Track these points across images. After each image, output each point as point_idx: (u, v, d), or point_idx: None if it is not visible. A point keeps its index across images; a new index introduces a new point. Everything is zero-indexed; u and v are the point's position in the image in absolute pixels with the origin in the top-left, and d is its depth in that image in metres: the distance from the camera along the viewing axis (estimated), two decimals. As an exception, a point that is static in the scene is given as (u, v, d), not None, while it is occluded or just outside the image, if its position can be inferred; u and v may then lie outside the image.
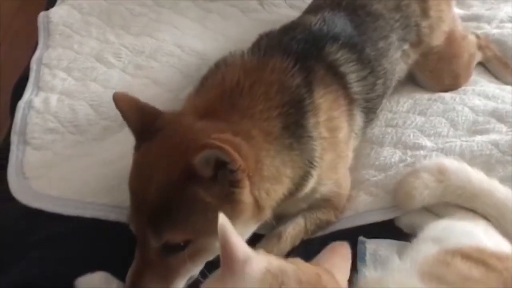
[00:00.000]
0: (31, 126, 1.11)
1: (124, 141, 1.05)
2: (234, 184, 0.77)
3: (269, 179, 0.83)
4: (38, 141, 1.09)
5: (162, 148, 0.80)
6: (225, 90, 0.89)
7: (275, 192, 0.85)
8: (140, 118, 0.82)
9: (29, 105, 1.16)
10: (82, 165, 1.04)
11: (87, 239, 0.93)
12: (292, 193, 0.90)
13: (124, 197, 0.86)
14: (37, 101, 1.16)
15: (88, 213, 0.96)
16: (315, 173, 0.91)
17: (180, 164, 0.77)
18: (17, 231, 0.96)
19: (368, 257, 0.92)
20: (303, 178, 0.90)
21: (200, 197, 0.76)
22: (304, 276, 0.63)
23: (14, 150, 1.08)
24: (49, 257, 0.90)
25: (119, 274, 0.85)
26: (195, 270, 0.81)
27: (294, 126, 0.89)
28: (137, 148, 0.83)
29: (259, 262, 0.60)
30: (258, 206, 0.81)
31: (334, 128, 0.96)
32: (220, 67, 0.95)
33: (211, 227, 0.74)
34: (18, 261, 0.91)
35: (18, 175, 1.03)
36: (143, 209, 0.78)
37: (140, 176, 0.79)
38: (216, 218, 0.67)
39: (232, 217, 0.76)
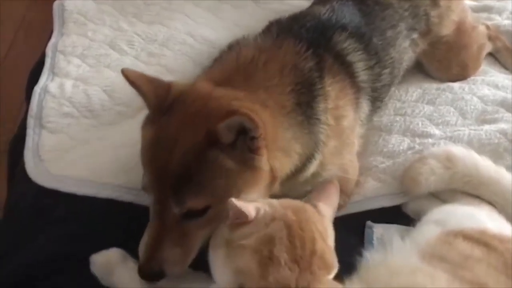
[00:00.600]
0: (47, 110, 1.14)
1: (138, 127, 1.07)
2: (254, 150, 0.79)
3: (281, 150, 0.85)
4: (53, 125, 1.11)
5: (183, 116, 0.81)
6: (240, 64, 0.90)
7: (285, 164, 0.86)
8: (153, 90, 0.83)
9: (45, 90, 1.18)
10: (96, 148, 1.06)
11: (102, 219, 0.95)
12: (296, 172, 0.91)
13: (139, 179, 0.88)
14: (53, 86, 1.19)
15: (103, 193, 0.98)
16: (318, 156, 0.93)
17: (202, 130, 0.78)
18: (34, 211, 0.99)
19: (375, 241, 0.94)
20: (308, 159, 0.91)
21: (221, 162, 0.78)
22: (287, 204, 0.79)
23: (31, 134, 1.10)
24: (65, 235, 0.93)
25: (132, 253, 0.87)
26: (210, 234, 0.83)
27: (305, 105, 0.91)
28: (152, 121, 0.84)
29: (261, 208, 0.76)
30: (273, 175, 0.83)
31: (340, 116, 0.97)
32: (234, 47, 0.97)
33: (231, 192, 0.78)
34: (35, 238, 0.94)
35: (34, 157, 1.06)
36: (164, 178, 0.79)
37: (160, 145, 0.80)
38: (235, 183, 0.76)
39: (251, 183, 0.80)
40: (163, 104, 0.82)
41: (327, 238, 0.77)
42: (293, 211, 0.76)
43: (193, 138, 0.78)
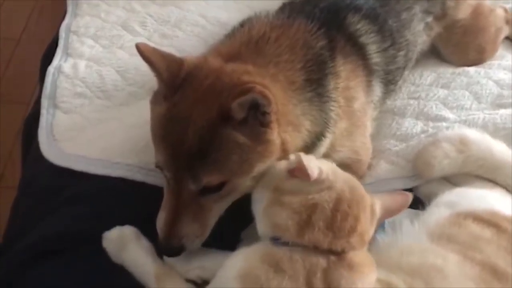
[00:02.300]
0: (60, 90, 1.14)
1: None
2: (265, 125, 0.80)
3: (291, 124, 0.86)
4: (67, 105, 1.12)
5: (195, 92, 0.81)
6: (251, 38, 0.90)
7: (295, 139, 0.86)
8: (166, 66, 0.83)
9: (59, 70, 1.19)
10: (109, 128, 1.07)
11: (114, 197, 0.96)
12: (306, 151, 0.90)
13: (150, 159, 0.89)
14: (66, 67, 1.19)
15: (115, 172, 0.99)
16: (328, 135, 0.93)
17: (215, 107, 0.78)
18: (48, 189, 1.00)
19: (386, 224, 0.94)
20: (318, 137, 0.91)
21: (234, 138, 0.78)
22: (350, 182, 0.81)
23: (44, 114, 1.11)
24: (78, 213, 0.94)
25: (144, 232, 0.88)
26: (225, 207, 0.84)
27: (316, 83, 0.90)
28: (164, 97, 0.83)
29: (324, 172, 0.78)
30: (284, 149, 0.83)
31: (351, 98, 0.97)
32: (245, 24, 0.97)
33: (244, 167, 0.79)
34: (49, 216, 0.95)
35: (48, 137, 1.07)
36: (179, 155, 0.79)
37: (174, 123, 0.81)
38: (249, 157, 0.78)
39: (263, 157, 0.80)
40: (176, 80, 0.82)
41: (370, 229, 0.78)
42: (351, 190, 0.78)
43: (206, 116, 0.79)
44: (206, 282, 0.81)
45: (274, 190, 0.77)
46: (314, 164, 0.77)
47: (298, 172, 0.77)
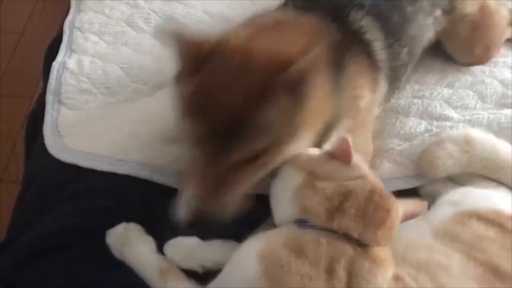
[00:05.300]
0: (65, 87, 1.14)
1: (155, 104, 1.07)
2: (307, 95, 0.79)
3: (315, 108, 0.84)
4: (72, 101, 1.12)
5: (233, 61, 0.78)
6: (265, 25, 0.89)
7: (316, 122, 0.86)
8: (187, 46, 0.79)
9: (63, 66, 1.18)
10: (114, 124, 1.06)
11: (119, 194, 0.95)
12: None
13: (156, 155, 0.89)
14: (71, 63, 1.19)
15: (120, 169, 0.98)
16: (334, 134, 0.92)
17: (260, 82, 0.76)
18: (52, 184, 1.00)
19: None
20: (325, 132, 0.91)
21: (273, 114, 0.77)
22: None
23: (50, 110, 1.11)
24: (81, 209, 0.94)
25: (148, 230, 0.88)
26: (253, 185, 0.82)
27: (333, 75, 0.90)
28: (191, 74, 0.80)
29: (359, 160, 0.82)
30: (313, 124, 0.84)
31: (356, 97, 0.97)
32: (250, 19, 0.95)
33: (278, 143, 0.79)
34: (52, 212, 0.95)
35: (53, 133, 1.06)
36: (217, 127, 0.77)
37: (212, 94, 0.78)
38: (282, 135, 0.79)
39: (308, 126, 0.82)
40: (200, 57, 0.79)
41: (396, 223, 0.77)
42: (379, 183, 0.78)
43: (249, 89, 0.76)
44: (207, 272, 0.81)
45: (309, 173, 0.77)
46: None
47: (341, 153, 0.77)
